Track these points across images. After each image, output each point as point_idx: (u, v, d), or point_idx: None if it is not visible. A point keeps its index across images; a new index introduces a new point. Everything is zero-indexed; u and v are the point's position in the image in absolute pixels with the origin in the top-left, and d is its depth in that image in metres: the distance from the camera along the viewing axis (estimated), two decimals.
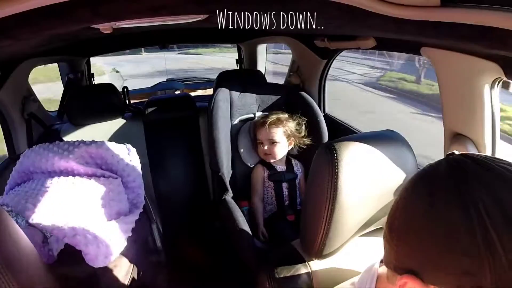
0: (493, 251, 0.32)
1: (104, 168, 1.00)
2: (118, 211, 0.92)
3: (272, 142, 1.24)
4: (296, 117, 1.27)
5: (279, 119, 1.24)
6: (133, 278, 0.89)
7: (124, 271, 0.86)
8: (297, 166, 1.30)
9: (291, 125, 1.25)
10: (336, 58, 1.41)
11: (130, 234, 0.86)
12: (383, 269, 0.47)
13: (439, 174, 0.37)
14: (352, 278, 0.53)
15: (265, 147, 1.24)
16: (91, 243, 0.76)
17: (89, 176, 0.95)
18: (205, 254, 1.54)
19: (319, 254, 0.62)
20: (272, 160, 1.26)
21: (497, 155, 0.71)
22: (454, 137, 0.77)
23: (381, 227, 0.73)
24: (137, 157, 1.08)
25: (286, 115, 1.26)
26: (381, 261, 0.49)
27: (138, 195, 1.01)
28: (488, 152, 0.73)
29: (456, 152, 0.38)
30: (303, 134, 1.27)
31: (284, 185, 1.26)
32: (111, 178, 0.98)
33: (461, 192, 0.34)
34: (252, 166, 1.30)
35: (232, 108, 1.31)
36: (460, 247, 0.33)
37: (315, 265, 0.66)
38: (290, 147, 1.28)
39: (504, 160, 0.36)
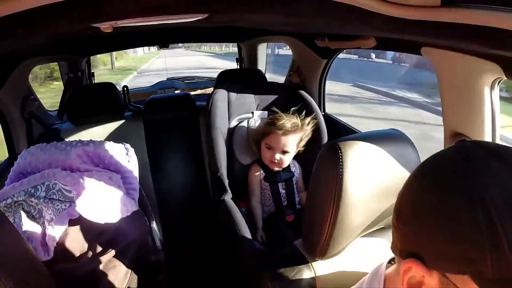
0: (496, 240, 0.31)
1: (101, 167, 1.00)
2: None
3: (285, 152, 1.17)
4: (310, 120, 1.20)
5: (297, 125, 1.15)
6: (133, 278, 0.89)
7: (123, 271, 0.86)
8: (294, 165, 1.28)
9: (308, 128, 1.19)
10: None
11: (121, 216, 0.88)
12: (390, 269, 0.46)
13: (445, 160, 0.37)
14: (358, 282, 0.52)
15: (276, 156, 1.16)
16: (79, 185, 0.82)
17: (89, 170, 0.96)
18: (205, 254, 1.54)
19: (324, 254, 0.62)
20: (276, 168, 1.22)
21: None
22: (454, 136, 0.77)
23: (384, 227, 0.73)
24: (135, 157, 1.08)
25: (302, 121, 1.18)
26: (388, 262, 0.48)
27: (132, 196, 1.01)
28: None
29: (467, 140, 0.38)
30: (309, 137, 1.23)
31: (281, 185, 1.24)
32: (111, 172, 0.99)
33: (466, 179, 0.33)
34: (246, 164, 1.28)
35: (230, 108, 1.30)
36: (463, 234, 0.33)
37: (318, 265, 0.65)
38: None
39: None
